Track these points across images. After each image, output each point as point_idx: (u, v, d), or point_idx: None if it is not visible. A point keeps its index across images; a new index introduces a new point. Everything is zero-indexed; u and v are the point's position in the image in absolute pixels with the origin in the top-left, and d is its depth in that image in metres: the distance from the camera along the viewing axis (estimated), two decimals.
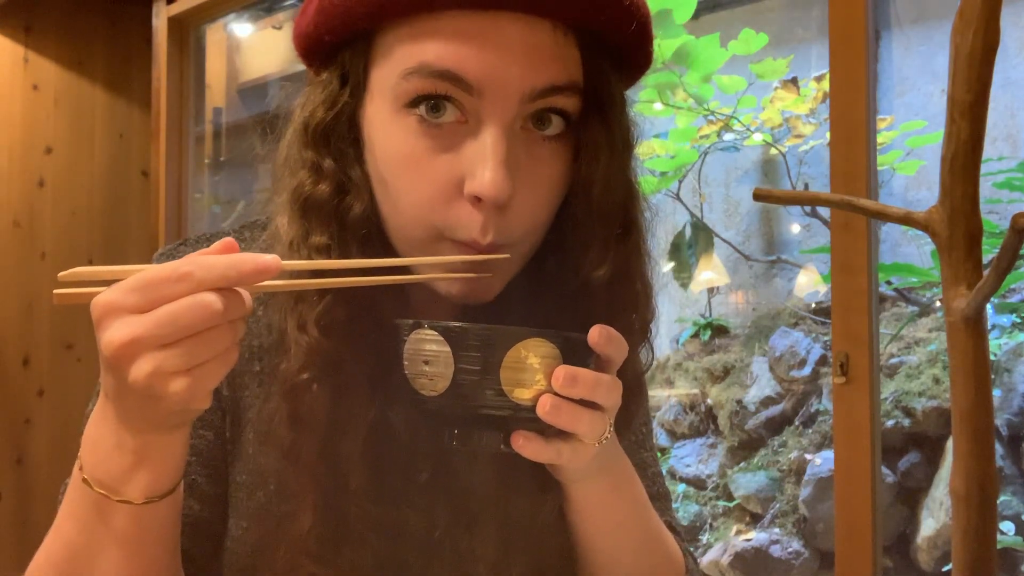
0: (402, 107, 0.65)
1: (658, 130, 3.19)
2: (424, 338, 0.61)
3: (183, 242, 0.77)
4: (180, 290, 0.53)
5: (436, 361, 0.60)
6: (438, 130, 0.65)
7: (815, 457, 2.75)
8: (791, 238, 3.21)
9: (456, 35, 0.63)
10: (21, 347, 3.42)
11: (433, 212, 0.65)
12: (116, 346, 0.53)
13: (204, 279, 0.53)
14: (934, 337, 2.71)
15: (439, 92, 0.64)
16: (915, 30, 2.88)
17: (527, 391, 0.60)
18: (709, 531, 3.02)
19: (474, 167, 0.64)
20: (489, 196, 0.63)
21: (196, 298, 0.52)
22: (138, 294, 0.53)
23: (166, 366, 0.53)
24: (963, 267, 0.54)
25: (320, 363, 0.67)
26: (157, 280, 0.53)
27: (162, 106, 3.09)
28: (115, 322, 0.53)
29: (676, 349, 3.40)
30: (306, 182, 0.69)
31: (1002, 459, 2.41)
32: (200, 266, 0.53)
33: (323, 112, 0.69)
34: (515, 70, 0.63)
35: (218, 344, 0.54)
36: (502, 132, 0.64)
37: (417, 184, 0.65)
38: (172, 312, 0.52)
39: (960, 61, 0.51)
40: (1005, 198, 2.33)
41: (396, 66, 0.65)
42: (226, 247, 0.55)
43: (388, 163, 0.66)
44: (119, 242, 3.60)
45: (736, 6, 3.21)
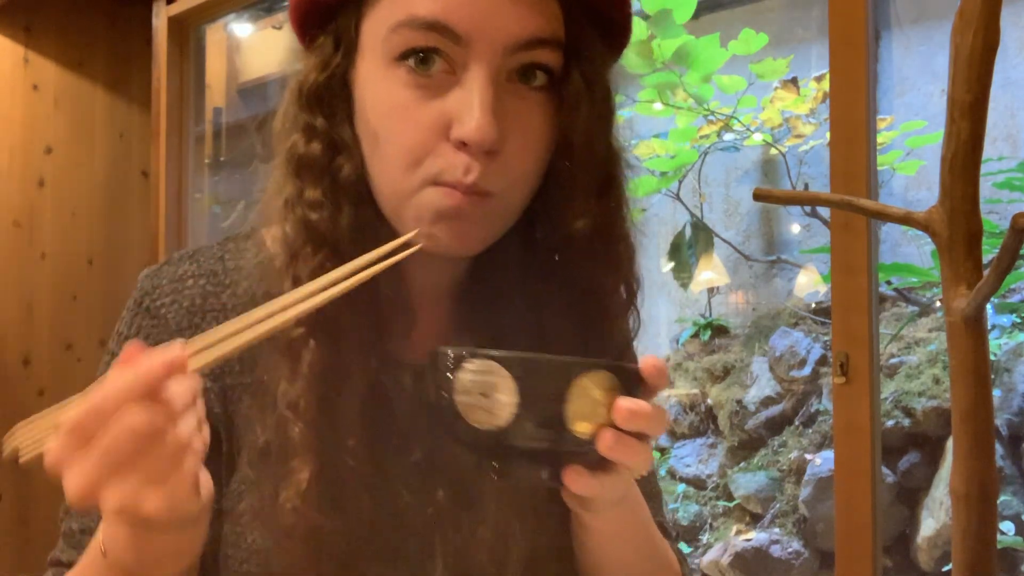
0: (392, 60, 0.67)
1: (658, 130, 3.19)
2: (484, 368, 0.58)
3: (167, 261, 0.77)
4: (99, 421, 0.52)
5: (497, 393, 0.58)
6: (427, 79, 0.67)
7: (815, 457, 2.75)
8: (791, 238, 3.21)
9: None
10: (21, 347, 3.42)
11: (421, 158, 0.67)
12: (77, 496, 0.52)
13: (117, 403, 0.52)
14: (934, 337, 2.71)
15: (428, 44, 0.66)
16: (915, 30, 2.88)
17: (588, 425, 0.59)
18: (709, 531, 3.02)
19: (461, 113, 0.66)
20: (474, 140, 0.65)
21: (119, 425, 0.51)
22: (71, 437, 0.52)
23: (128, 493, 0.52)
24: (963, 267, 0.54)
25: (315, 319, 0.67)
26: (79, 422, 0.52)
27: (162, 106, 3.09)
28: (66, 473, 0.53)
29: (676, 349, 3.40)
30: (299, 142, 0.71)
31: (1002, 459, 2.41)
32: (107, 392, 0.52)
33: (316, 74, 0.71)
34: (500, 21, 0.66)
35: (167, 450, 0.53)
36: (488, 80, 0.66)
37: (406, 131, 0.67)
38: (105, 447, 0.52)
39: (960, 61, 0.51)
40: (1005, 198, 2.33)
41: (386, 20, 0.67)
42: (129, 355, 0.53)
43: (378, 114, 0.68)
44: (119, 242, 3.60)
45: (736, 6, 3.21)
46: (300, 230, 0.70)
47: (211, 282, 0.75)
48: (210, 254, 0.77)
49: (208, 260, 0.76)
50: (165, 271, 0.76)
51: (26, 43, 3.46)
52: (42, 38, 3.48)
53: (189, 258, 0.76)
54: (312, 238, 0.69)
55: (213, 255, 0.77)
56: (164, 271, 0.76)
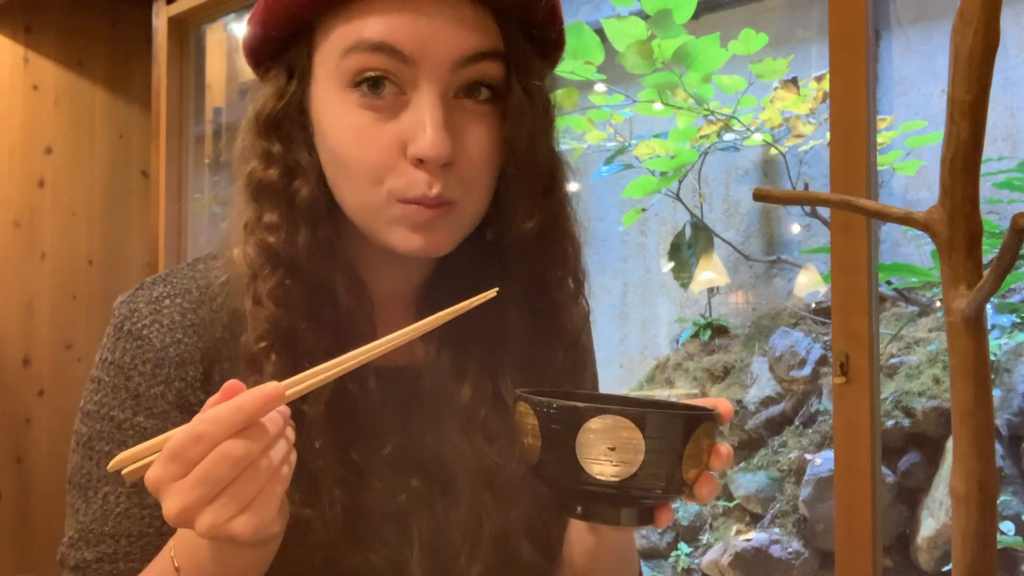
0: (345, 86, 0.72)
1: (658, 130, 3.19)
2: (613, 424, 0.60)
3: (140, 286, 0.80)
4: (202, 450, 0.56)
5: (625, 447, 0.60)
6: (380, 102, 0.71)
7: (815, 457, 2.75)
8: (791, 238, 3.21)
9: (388, 11, 0.70)
10: (21, 347, 3.42)
11: (382, 177, 0.72)
12: (174, 517, 0.57)
13: (217, 434, 0.56)
14: (934, 337, 2.71)
15: (377, 66, 0.71)
16: (915, 30, 2.88)
17: (695, 471, 0.63)
18: (709, 531, 3.02)
19: (415, 132, 0.70)
20: (430, 156, 0.70)
21: (219, 453, 0.56)
22: (174, 464, 0.57)
23: (221, 515, 0.57)
24: (963, 267, 0.54)
25: (276, 333, 0.73)
26: (181, 448, 0.57)
27: (162, 106, 3.09)
28: (165, 495, 0.57)
29: (676, 349, 3.40)
30: (257, 168, 0.76)
31: (1002, 459, 2.41)
32: (210, 422, 0.57)
33: (272, 103, 0.76)
34: (444, 39, 0.71)
35: (260, 477, 0.58)
36: (438, 98, 0.71)
37: (365, 153, 0.72)
38: (203, 473, 0.56)
39: (960, 61, 0.51)
40: (1005, 198, 2.33)
41: (336, 46, 0.72)
42: (229, 391, 0.58)
43: (337, 138, 0.73)
44: (119, 242, 3.59)
45: (736, 6, 3.21)
46: (259, 251, 0.75)
47: (187, 300, 0.78)
48: (182, 274, 0.80)
49: (181, 280, 0.80)
50: (140, 295, 0.79)
51: (26, 43, 3.46)
52: (42, 38, 3.48)
53: (162, 281, 0.80)
54: (270, 259, 0.74)
55: (184, 275, 0.80)
56: (139, 295, 0.79)
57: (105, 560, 0.75)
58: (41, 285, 3.46)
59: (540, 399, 0.63)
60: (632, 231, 3.52)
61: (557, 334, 0.81)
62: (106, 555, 0.75)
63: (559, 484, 0.64)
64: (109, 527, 0.75)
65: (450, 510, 0.78)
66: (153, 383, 0.76)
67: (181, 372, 0.76)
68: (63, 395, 3.44)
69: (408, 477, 0.78)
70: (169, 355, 0.76)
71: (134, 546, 0.75)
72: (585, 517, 0.65)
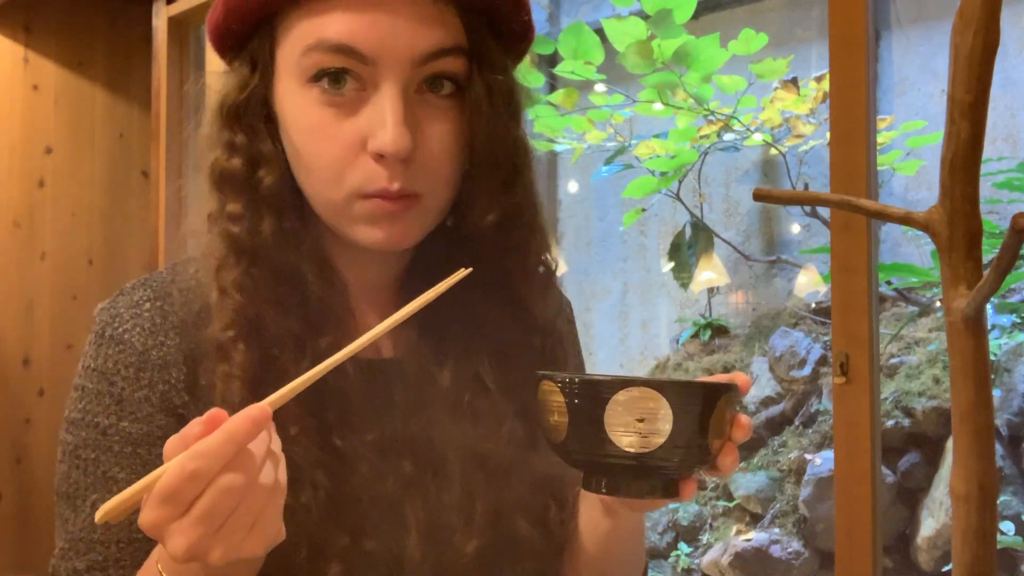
0: (306, 82, 0.73)
1: (658, 130, 3.19)
2: (643, 395, 0.61)
3: (120, 292, 0.80)
4: (198, 487, 0.55)
5: (654, 418, 0.61)
6: (340, 98, 0.72)
7: (815, 457, 2.75)
8: (791, 238, 3.21)
9: (348, 10, 0.70)
10: (21, 347, 3.42)
11: (343, 172, 0.72)
12: (183, 555, 0.56)
13: (211, 469, 0.55)
14: (934, 337, 2.71)
15: (337, 66, 0.71)
16: (915, 30, 2.88)
17: (718, 442, 0.64)
18: (709, 531, 3.02)
19: (374, 128, 0.71)
20: (390, 152, 0.70)
21: (217, 489, 0.55)
22: (169, 505, 0.56)
23: (231, 543, 0.57)
24: (963, 267, 0.54)
25: (242, 322, 0.73)
26: (176, 488, 0.55)
27: (162, 106, 3.09)
28: (167, 536, 0.56)
29: (676, 349, 3.40)
30: (220, 158, 0.76)
31: (1002, 459, 2.41)
32: (203, 457, 0.55)
33: (235, 94, 0.76)
34: (404, 38, 0.71)
35: (260, 498, 0.57)
36: (398, 94, 0.71)
37: (325, 149, 0.72)
38: (206, 510, 0.55)
39: (960, 61, 0.51)
40: (1005, 198, 2.33)
41: (297, 44, 0.72)
42: (213, 421, 0.57)
43: (299, 133, 0.73)
44: (119, 242, 3.60)
45: (736, 6, 3.21)
46: (223, 241, 0.75)
47: (166, 303, 0.78)
48: (161, 278, 0.80)
49: (161, 283, 0.80)
50: (120, 301, 0.79)
51: (26, 43, 3.46)
52: (42, 38, 3.48)
53: (142, 285, 0.80)
54: (234, 248, 0.74)
55: (164, 278, 0.80)
56: (119, 301, 0.79)
57: (96, 568, 0.74)
58: (41, 285, 3.46)
59: (566, 375, 0.64)
60: (632, 231, 3.52)
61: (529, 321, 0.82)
62: (96, 563, 0.74)
63: (587, 458, 0.65)
64: (99, 534, 0.75)
65: (443, 491, 0.78)
66: (136, 387, 0.75)
67: (164, 375, 0.76)
68: (63, 395, 3.41)
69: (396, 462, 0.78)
70: (151, 358, 0.76)
71: (124, 552, 0.74)
72: (611, 491, 0.66)
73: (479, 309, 0.80)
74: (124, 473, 0.75)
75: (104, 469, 0.75)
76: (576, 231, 3.67)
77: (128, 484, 0.73)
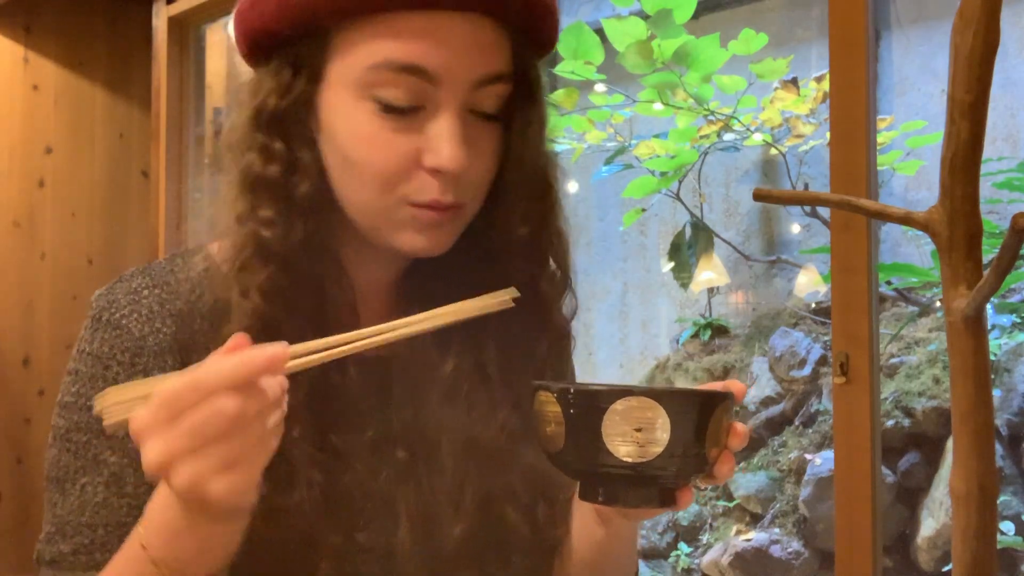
0: (363, 97, 0.73)
1: (658, 130, 3.19)
2: (640, 405, 0.61)
3: (118, 279, 0.80)
4: (196, 400, 0.55)
5: (651, 428, 0.61)
6: (398, 114, 0.73)
7: (815, 457, 2.75)
8: (791, 238, 3.21)
9: (415, 33, 0.72)
10: (21, 347, 3.42)
11: (396, 183, 0.74)
12: (154, 465, 0.56)
13: (215, 386, 0.55)
14: (934, 337, 2.71)
15: (404, 85, 0.72)
16: (915, 30, 2.88)
17: (715, 450, 0.64)
18: (709, 531, 3.02)
19: (434, 144, 0.73)
20: (449, 169, 0.73)
21: (213, 406, 0.55)
22: (164, 410, 0.55)
23: (201, 470, 0.55)
24: (963, 267, 0.54)
25: (261, 326, 0.72)
26: (175, 395, 0.55)
27: (162, 106, 3.09)
28: (148, 440, 0.56)
29: (676, 349, 3.40)
30: (255, 163, 0.75)
31: (1002, 459, 2.41)
32: (210, 373, 0.55)
33: (276, 99, 0.75)
34: (467, 61, 0.73)
35: (249, 439, 0.56)
36: (456, 114, 0.74)
37: (379, 159, 0.74)
38: (193, 423, 0.55)
39: (960, 61, 0.51)
40: (1005, 198, 2.33)
41: (361, 59, 0.73)
42: (236, 344, 0.57)
43: (349, 142, 0.74)
44: (119, 242, 3.60)
45: (736, 6, 3.21)
46: (250, 244, 0.75)
47: (165, 291, 0.78)
48: (160, 268, 0.80)
49: (159, 273, 0.80)
50: (118, 287, 0.79)
51: (26, 43, 3.46)
52: (42, 38, 3.48)
53: (140, 273, 0.80)
54: (261, 252, 0.74)
55: (163, 268, 0.80)
56: (117, 287, 0.79)
57: (81, 551, 0.74)
58: (41, 285, 3.46)
59: (562, 385, 0.64)
60: (632, 231, 3.52)
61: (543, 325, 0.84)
62: (82, 546, 0.74)
63: (584, 468, 0.65)
64: (87, 517, 0.74)
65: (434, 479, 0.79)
66: (132, 372, 0.75)
67: (159, 361, 0.76)
68: None
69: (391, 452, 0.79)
70: (148, 344, 0.76)
71: (112, 536, 0.73)
72: (608, 501, 0.65)
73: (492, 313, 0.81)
74: (116, 457, 0.74)
75: (95, 452, 0.75)
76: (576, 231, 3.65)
77: (119, 468, 0.74)
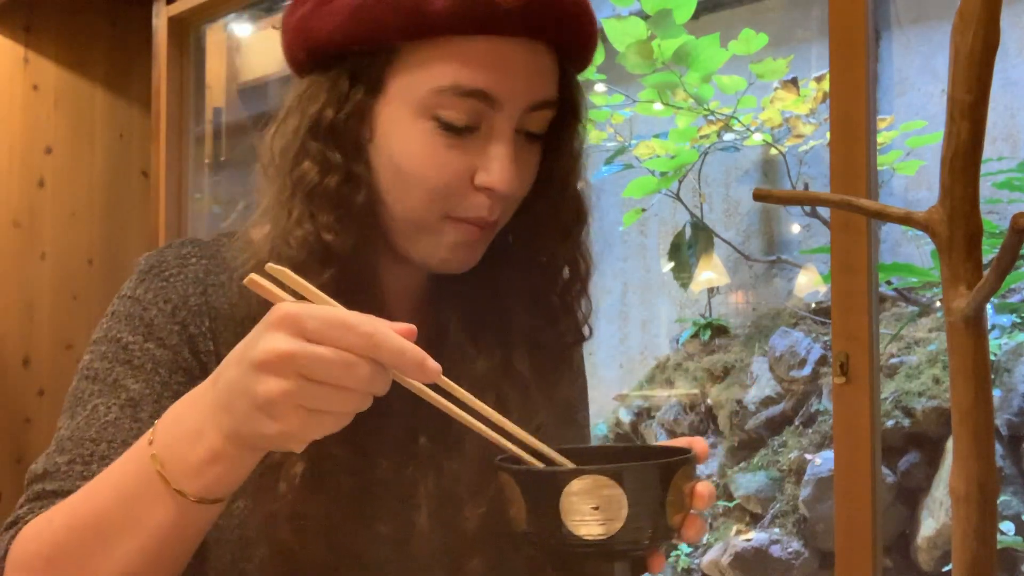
0: (422, 115, 0.75)
1: (658, 130, 3.19)
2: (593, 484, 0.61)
3: (168, 245, 0.82)
4: (351, 343, 0.55)
5: (608, 505, 0.61)
6: (455, 132, 0.75)
7: (815, 457, 2.75)
8: (791, 238, 3.21)
9: (482, 59, 0.73)
10: (21, 347, 3.42)
11: (445, 198, 0.76)
12: (273, 353, 0.55)
13: (373, 348, 0.55)
14: (934, 337, 2.71)
15: (467, 110, 0.74)
16: (915, 30, 2.88)
17: (678, 516, 0.64)
18: (709, 531, 3.02)
19: (488, 164, 0.75)
20: (501, 190, 0.75)
21: (354, 360, 0.55)
22: (318, 323, 0.55)
23: (293, 394, 0.55)
24: (963, 267, 0.54)
25: None
26: (340, 322, 0.55)
27: (162, 106, 3.09)
28: (283, 333, 0.56)
29: (676, 349, 3.40)
30: (310, 172, 0.76)
31: (1002, 459, 2.41)
32: (380, 335, 0.55)
33: (334, 107, 0.76)
34: (525, 86, 0.75)
35: (345, 405, 0.57)
36: (511, 137, 0.76)
37: (433, 175, 0.75)
38: (329, 357, 0.55)
39: (960, 61, 0.51)
40: (1005, 198, 2.33)
41: (426, 81, 0.74)
42: (407, 332, 0.57)
43: (406, 157, 0.75)
44: (119, 242, 3.59)
45: (736, 6, 3.21)
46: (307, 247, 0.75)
47: (212, 262, 0.80)
48: (207, 243, 0.83)
49: (207, 246, 0.82)
50: (168, 251, 0.81)
51: (26, 43, 3.46)
52: (42, 38, 3.48)
53: (190, 243, 0.82)
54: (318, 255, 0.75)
55: (210, 244, 0.82)
56: (167, 251, 0.81)
57: (78, 461, 0.72)
58: (41, 285, 3.45)
59: (519, 468, 0.64)
60: (632, 231, 3.52)
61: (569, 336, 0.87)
62: (80, 456, 0.72)
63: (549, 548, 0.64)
64: (93, 432, 0.73)
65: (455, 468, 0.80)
66: (170, 320, 0.77)
67: (197, 320, 0.77)
68: (63, 395, 3.43)
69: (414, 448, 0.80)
70: (189, 303, 0.78)
71: (113, 451, 0.71)
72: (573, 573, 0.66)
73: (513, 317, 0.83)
74: (138, 385, 0.74)
75: (116, 378, 0.75)
76: None
77: (139, 395, 0.74)
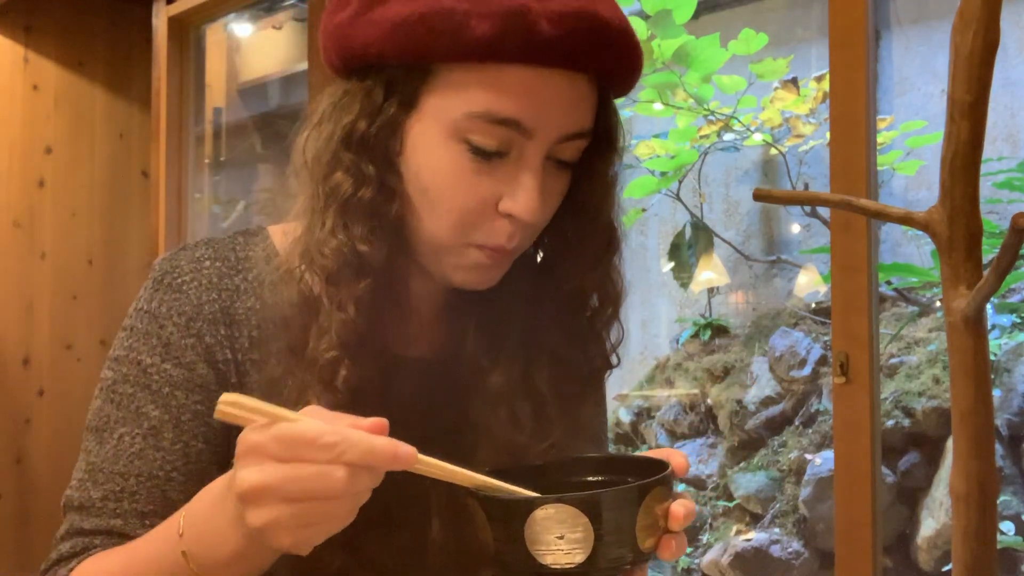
0: (453, 137, 0.73)
1: (658, 130, 3.19)
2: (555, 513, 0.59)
3: (182, 247, 0.82)
4: (318, 457, 0.56)
5: (573, 533, 0.59)
6: (484, 157, 0.73)
7: (815, 457, 2.75)
8: (791, 238, 3.21)
9: (519, 87, 0.71)
10: (21, 347, 3.42)
11: (468, 222, 0.75)
12: (246, 487, 0.57)
13: (343, 455, 0.56)
14: (934, 337, 2.71)
15: (499, 137, 0.72)
16: (915, 30, 2.88)
17: (652, 539, 0.62)
18: (709, 531, 3.02)
19: (514, 191, 0.74)
20: (525, 218, 0.74)
21: (328, 469, 0.55)
22: (282, 445, 0.56)
23: (282, 520, 0.56)
24: (963, 267, 0.54)
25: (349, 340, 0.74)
26: (303, 439, 0.56)
27: (162, 106, 3.09)
28: (252, 464, 0.57)
29: (676, 349, 3.40)
30: (344, 183, 0.75)
31: (1002, 459, 2.41)
32: (345, 443, 0.56)
33: (367, 119, 0.75)
34: (560, 118, 0.73)
35: (335, 512, 0.57)
36: (539, 165, 0.74)
37: (458, 197, 0.74)
38: (302, 475, 0.56)
39: (960, 61, 0.51)
40: (1005, 198, 2.33)
41: (461, 104, 0.72)
42: (377, 427, 0.58)
43: (434, 177, 0.75)
44: (119, 242, 3.59)
45: (736, 6, 3.21)
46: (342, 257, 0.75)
47: (226, 265, 0.80)
48: (222, 243, 0.82)
49: (222, 248, 0.82)
50: (182, 255, 0.81)
51: (26, 43, 3.46)
52: (42, 38, 3.48)
53: (204, 244, 0.82)
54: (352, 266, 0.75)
55: (226, 244, 0.82)
56: (181, 255, 0.81)
57: (110, 499, 0.75)
58: (41, 285, 3.46)
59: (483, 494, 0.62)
60: (632, 231, 3.52)
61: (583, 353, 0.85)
62: (112, 493, 0.75)
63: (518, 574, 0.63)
64: (120, 466, 0.76)
65: None
66: (185, 334, 0.77)
67: (212, 329, 0.78)
68: (63, 395, 3.44)
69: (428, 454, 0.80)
70: (204, 311, 0.78)
71: (142, 486, 0.75)
72: None
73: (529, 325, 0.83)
74: (158, 411, 0.76)
75: (139, 405, 0.77)
76: None
77: (159, 422, 0.76)
